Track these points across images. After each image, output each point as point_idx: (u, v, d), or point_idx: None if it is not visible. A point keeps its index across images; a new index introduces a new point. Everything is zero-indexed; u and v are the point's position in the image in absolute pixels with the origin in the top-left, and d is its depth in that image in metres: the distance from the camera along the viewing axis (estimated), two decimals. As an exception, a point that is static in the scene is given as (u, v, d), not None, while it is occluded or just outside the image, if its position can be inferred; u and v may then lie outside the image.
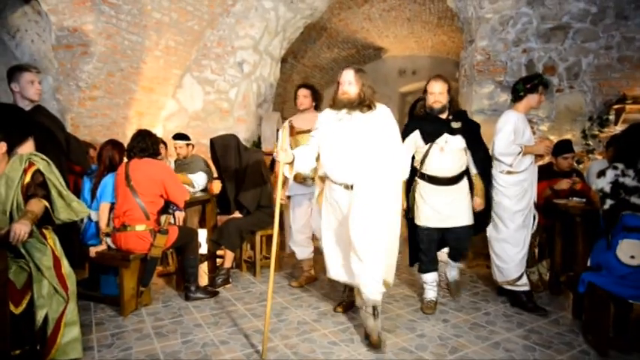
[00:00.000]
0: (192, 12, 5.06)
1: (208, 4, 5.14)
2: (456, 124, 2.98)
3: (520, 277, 3.12)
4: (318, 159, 2.80)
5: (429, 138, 2.99)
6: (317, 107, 3.69)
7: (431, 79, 3.03)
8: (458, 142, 2.98)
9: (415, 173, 3.06)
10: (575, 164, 4.03)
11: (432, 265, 3.13)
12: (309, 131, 3.18)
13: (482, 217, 3.16)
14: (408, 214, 3.11)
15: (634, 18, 4.25)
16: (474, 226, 3.13)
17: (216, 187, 4.11)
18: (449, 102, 3.01)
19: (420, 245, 3.13)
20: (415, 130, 3.04)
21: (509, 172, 3.06)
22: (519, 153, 2.99)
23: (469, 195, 3.06)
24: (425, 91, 3.06)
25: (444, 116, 3.01)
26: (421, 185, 3.05)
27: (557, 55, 4.45)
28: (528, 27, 4.49)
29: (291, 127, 3.64)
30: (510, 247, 3.11)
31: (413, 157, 3.07)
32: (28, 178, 2.12)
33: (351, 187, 2.57)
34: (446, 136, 2.96)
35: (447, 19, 7.14)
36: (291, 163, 2.63)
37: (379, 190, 2.51)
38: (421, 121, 3.08)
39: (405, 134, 2.98)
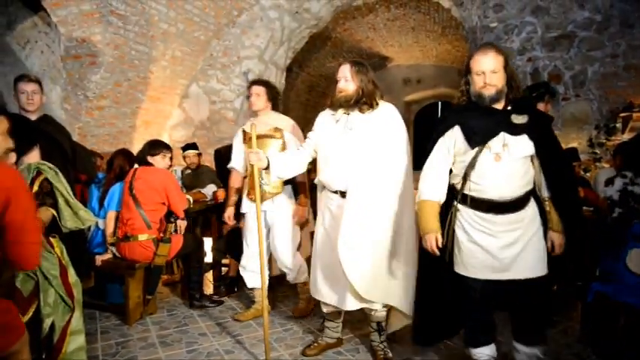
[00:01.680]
0: (198, 23, 5.11)
1: (214, 14, 5.20)
2: (519, 119, 1.92)
3: None
4: (312, 163, 2.55)
5: (477, 139, 1.94)
6: (275, 108, 3.10)
7: (477, 52, 1.96)
8: (523, 145, 1.90)
9: (454, 195, 2.04)
10: (582, 172, 4.01)
11: (485, 334, 2.10)
12: (265, 136, 2.89)
13: (559, 263, 2.03)
14: (445, 255, 2.04)
15: (639, 26, 4.24)
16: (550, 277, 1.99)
17: (222, 195, 4.13)
18: (507, 84, 1.94)
19: (464, 304, 2.09)
20: (454, 126, 2.01)
21: None
22: None
23: (541, 229, 1.98)
24: (467, 71, 2.00)
25: (499, 106, 1.95)
26: (463, 214, 2.01)
27: (563, 64, 4.45)
28: (533, 36, 4.50)
29: (244, 133, 3.12)
30: None
31: (451, 170, 2.08)
32: (36, 188, 2.14)
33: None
34: (504, 136, 1.91)
35: (452, 28, 7.16)
36: (266, 169, 2.42)
37: (377, 199, 2.23)
38: (464, 112, 2.02)
39: (438, 133, 2.07)
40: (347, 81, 2.32)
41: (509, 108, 1.95)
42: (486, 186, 1.92)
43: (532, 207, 1.97)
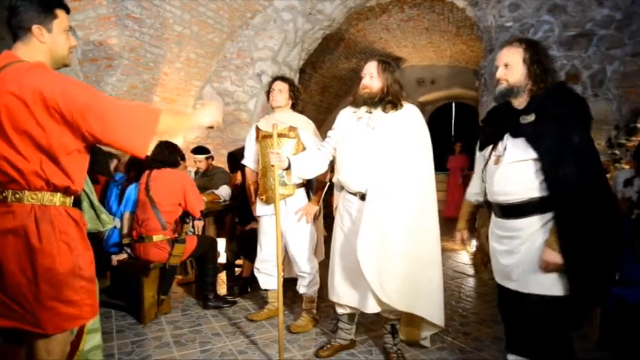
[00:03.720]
0: (212, 25, 5.16)
1: (228, 17, 5.24)
2: (526, 118, 1.78)
3: None
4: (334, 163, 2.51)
5: (482, 142, 1.99)
6: (295, 106, 3.06)
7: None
8: (518, 149, 1.78)
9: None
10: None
11: (510, 341, 1.98)
12: (279, 135, 2.75)
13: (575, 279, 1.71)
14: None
15: (661, 24, 4.14)
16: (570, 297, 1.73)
17: (238, 178, 4.12)
18: (529, 77, 1.78)
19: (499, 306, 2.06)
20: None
21: None
22: None
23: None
24: None
25: (519, 103, 1.84)
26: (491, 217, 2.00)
27: (581, 63, 4.36)
28: (550, 35, 4.42)
29: (257, 130, 3.07)
30: None
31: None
32: None
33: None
34: (506, 138, 1.84)
35: (466, 28, 7.09)
36: (287, 169, 2.41)
37: (397, 202, 2.17)
38: (491, 112, 2.03)
39: (479, 134, 2.06)
40: (372, 78, 2.27)
41: (527, 106, 1.81)
42: (489, 189, 1.91)
43: (542, 217, 1.74)
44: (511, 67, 1.80)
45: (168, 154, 3.23)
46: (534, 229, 1.77)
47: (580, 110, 1.75)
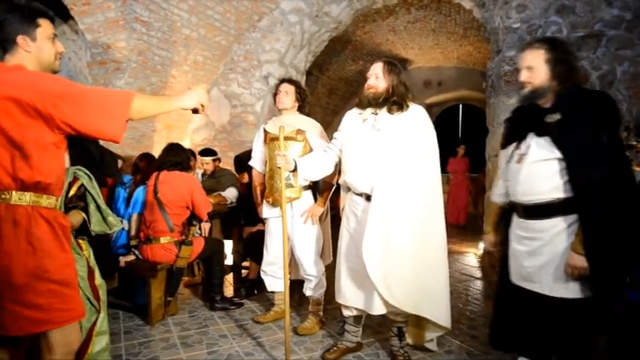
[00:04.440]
0: (219, 28, 5.18)
1: (235, 19, 5.26)
2: (552, 117, 1.75)
3: None
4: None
5: (504, 140, 2.00)
6: (301, 109, 3.04)
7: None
8: (541, 148, 1.77)
9: None
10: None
11: (511, 342, 1.98)
12: (286, 138, 2.79)
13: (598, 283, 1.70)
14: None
15: (671, 24, 4.09)
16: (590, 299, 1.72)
17: (245, 178, 4.15)
18: (554, 78, 1.75)
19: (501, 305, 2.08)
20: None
21: None
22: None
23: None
24: None
25: (544, 102, 1.81)
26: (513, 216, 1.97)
27: (590, 64, 4.32)
28: (558, 36, 4.39)
29: (265, 133, 3.05)
30: None
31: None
32: (72, 192, 2.20)
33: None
34: (530, 137, 1.83)
35: (473, 29, 7.07)
36: (294, 171, 2.43)
37: (402, 203, 2.16)
38: (516, 110, 2.02)
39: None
40: (377, 78, 2.27)
41: (547, 105, 1.78)
42: (512, 189, 1.89)
43: (566, 219, 1.71)
44: (534, 69, 1.78)
45: (186, 158, 3.25)
46: (557, 231, 1.74)
47: (607, 110, 1.71)
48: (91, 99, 1.45)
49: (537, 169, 1.77)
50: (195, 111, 1.68)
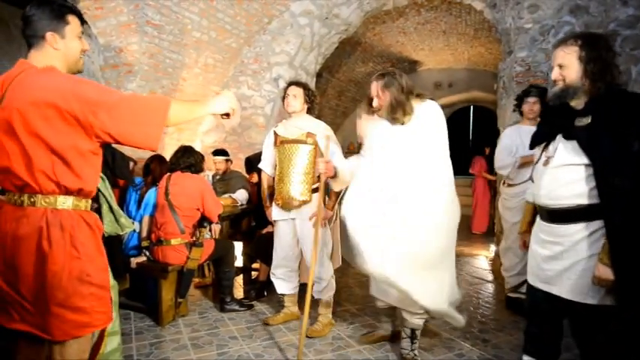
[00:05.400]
0: (230, 30, 5.22)
1: (245, 22, 5.29)
2: (582, 120, 1.70)
3: (520, 286, 3.27)
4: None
5: (532, 142, 1.97)
6: (310, 110, 3.05)
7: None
8: (568, 152, 1.72)
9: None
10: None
11: (533, 344, 1.92)
12: (294, 141, 2.92)
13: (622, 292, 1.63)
14: None
15: (688, 23, 4.02)
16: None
17: (254, 177, 4.16)
18: (586, 77, 1.67)
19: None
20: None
21: (509, 185, 3.34)
22: (515, 164, 3.21)
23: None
24: None
25: (576, 104, 1.74)
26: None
27: (603, 64, 4.26)
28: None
29: (275, 136, 3.06)
30: (511, 256, 3.33)
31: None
32: None
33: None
34: (558, 139, 1.79)
35: (484, 30, 7.01)
36: (334, 177, 2.47)
37: (417, 206, 2.18)
38: (547, 110, 2.03)
39: None
40: (379, 98, 2.32)
41: (579, 107, 1.73)
42: (537, 191, 1.85)
43: (589, 225, 1.67)
44: (565, 67, 1.71)
45: (198, 160, 3.28)
46: (579, 237, 1.70)
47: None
48: (130, 107, 1.43)
49: (562, 174, 1.72)
50: (225, 115, 1.66)
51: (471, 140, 10.87)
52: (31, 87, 1.38)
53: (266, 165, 3.19)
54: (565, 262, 1.73)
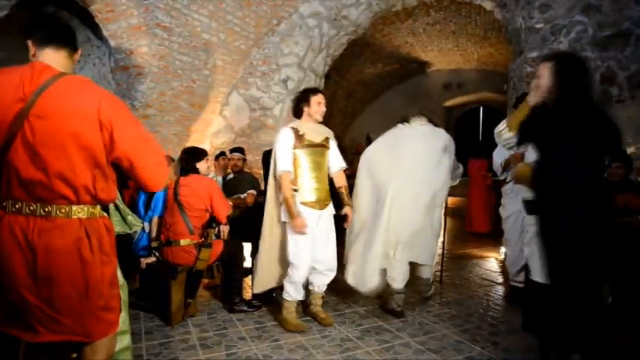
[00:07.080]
0: (239, 32, 5.24)
1: (254, 24, 5.32)
2: (545, 124, 2.01)
3: (518, 274, 3.55)
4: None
5: (521, 141, 2.28)
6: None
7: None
8: (530, 152, 2.32)
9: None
10: None
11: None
12: (322, 145, 3.07)
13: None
14: None
15: (703, 22, 3.94)
16: None
17: (251, 199, 4.14)
18: (557, 88, 1.95)
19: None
20: None
21: (504, 182, 3.71)
22: (501, 163, 3.64)
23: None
24: None
25: (547, 111, 2.05)
26: None
27: (617, 64, 4.19)
28: (583, 36, 4.27)
29: (300, 136, 3.00)
30: (508, 248, 3.71)
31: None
32: None
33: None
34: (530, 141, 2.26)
35: (494, 30, 6.96)
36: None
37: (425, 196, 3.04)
38: (528, 115, 2.20)
39: None
40: None
41: (548, 113, 2.03)
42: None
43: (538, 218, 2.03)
44: (541, 78, 2.00)
45: (193, 157, 3.27)
46: (536, 227, 2.03)
47: (599, 119, 1.97)
48: (155, 150, 1.59)
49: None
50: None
51: (480, 141, 10.79)
52: (80, 102, 1.43)
53: (289, 166, 2.96)
54: (532, 247, 2.14)
